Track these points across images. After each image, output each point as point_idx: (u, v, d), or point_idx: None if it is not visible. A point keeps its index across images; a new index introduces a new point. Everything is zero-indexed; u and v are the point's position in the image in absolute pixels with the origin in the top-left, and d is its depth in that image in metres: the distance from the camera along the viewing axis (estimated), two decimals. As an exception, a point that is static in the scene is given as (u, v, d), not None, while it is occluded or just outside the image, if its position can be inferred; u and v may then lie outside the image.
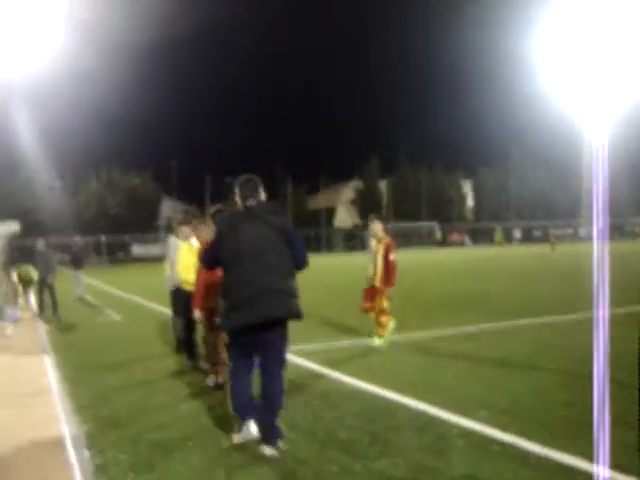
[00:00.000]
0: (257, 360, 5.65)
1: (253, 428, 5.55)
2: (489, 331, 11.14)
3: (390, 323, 9.98)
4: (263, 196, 5.82)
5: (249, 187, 5.77)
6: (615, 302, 12.83)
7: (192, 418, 6.49)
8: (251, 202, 5.68)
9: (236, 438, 5.60)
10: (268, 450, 5.32)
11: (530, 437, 5.34)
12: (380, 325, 9.91)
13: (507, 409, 6.26)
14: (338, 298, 17.93)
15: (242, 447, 5.48)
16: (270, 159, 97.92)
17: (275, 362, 5.52)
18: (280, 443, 5.40)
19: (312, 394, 7.19)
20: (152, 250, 59.67)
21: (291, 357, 8.93)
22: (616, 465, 4.66)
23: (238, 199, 5.79)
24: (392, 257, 9.91)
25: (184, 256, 8.85)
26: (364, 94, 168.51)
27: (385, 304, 9.98)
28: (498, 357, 8.75)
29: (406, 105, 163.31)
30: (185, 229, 9.10)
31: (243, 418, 5.60)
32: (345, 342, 10.26)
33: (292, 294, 5.47)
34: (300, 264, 5.65)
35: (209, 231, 7.51)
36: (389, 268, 9.89)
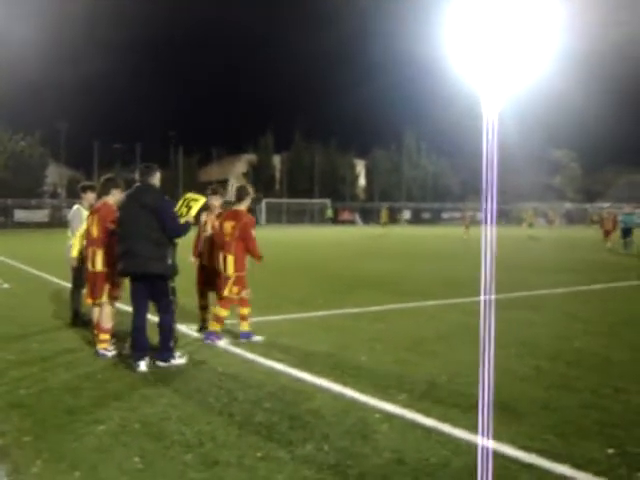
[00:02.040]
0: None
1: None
2: (397, 311, 11.21)
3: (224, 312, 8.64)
4: (154, 179, 7.44)
5: (141, 173, 7.45)
6: (510, 286, 13.30)
7: (98, 398, 6.12)
8: (136, 185, 7.42)
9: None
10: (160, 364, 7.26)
11: (453, 422, 5.33)
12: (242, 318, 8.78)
13: (426, 392, 6.26)
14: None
15: (159, 432, 5.20)
16: (162, 128, 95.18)
17: (158, 306, 7.42)
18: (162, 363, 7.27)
19: (225, 375, 6.95)
20: (36, 216, 57.12)
21: (200, 337, 8.67)
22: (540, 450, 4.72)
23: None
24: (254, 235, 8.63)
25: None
26: (262, 69, 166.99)
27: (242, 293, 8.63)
28: (411, 338, 8.78)
29: (304, 83, 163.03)
30: (90, 196, 8.58)
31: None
32: (252, 320, 10.00)
33: (153, 257, 7.09)
34: (171, 235, 7.24)
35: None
36: (250, 249, 8.56)
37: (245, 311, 8.61)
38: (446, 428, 5.23)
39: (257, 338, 8.53)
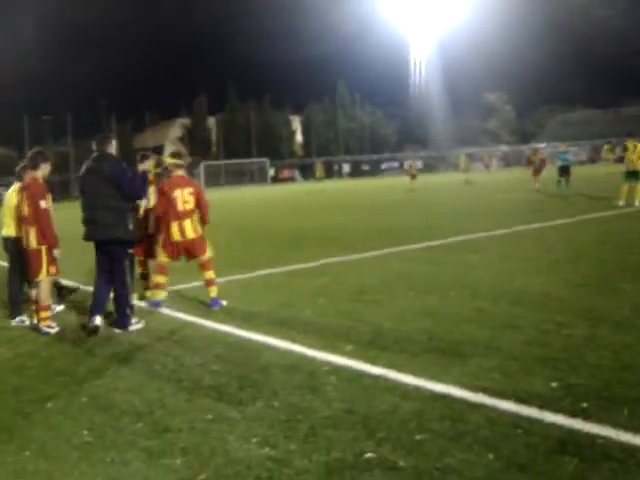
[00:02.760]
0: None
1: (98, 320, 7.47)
2: (339, 264, 11.25)
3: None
4: (111, 148, 7.65)
5: (98, 142, 7.63)
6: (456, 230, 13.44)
7: (43, 375, 6.01)
8: (93, 155, 7.63)
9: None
10: (117, 330, 7.43)
11: (400, 369, 5.41)
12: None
13: (372, 341, 6.32)
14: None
15: (107, 404, 5.15)
16: (93, 95, 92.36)
17: (114, 270, 7.59)
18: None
19: (169, 340, 6.91)
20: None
21: (139, 304, 8.57)
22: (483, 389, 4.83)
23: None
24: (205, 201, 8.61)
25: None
26: (192, 29, 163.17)
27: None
28: (353, 289, 8.85)
29: (234, 41, 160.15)
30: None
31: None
32: (194, 284, 9.93)
33: (113, 224, 7.39)
34: (132, 198, 7.71)
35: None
36: (204, 213, 8.53)
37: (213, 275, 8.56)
38: (393, 374, 5.30)
39: (223, 302, 8.47)
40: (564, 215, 16.96)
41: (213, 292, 8.40)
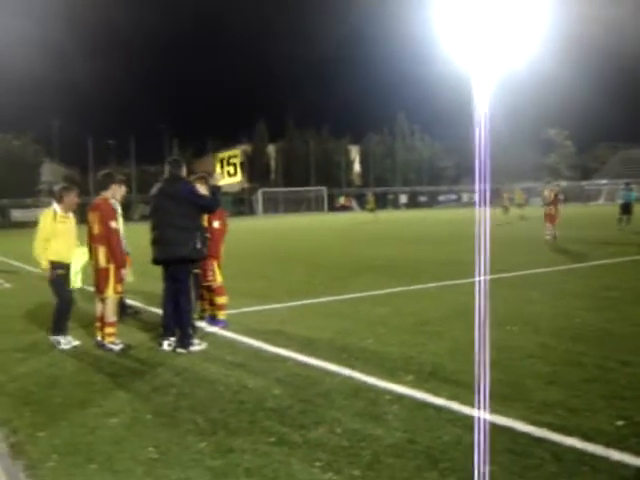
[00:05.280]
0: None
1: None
2: (398, 294, 11.25)
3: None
4: (181, 171, 7.92)
5: (170, 166, 7.93)
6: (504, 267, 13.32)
7: (108, 390, 6.16)
8: (165, 178, 7.93)
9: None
10: (179, 350, 7.54)
11: (463, 401, 5.37)
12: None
13: (433, 372, 6.30)
14: (236, 264, 17.46)
15: (171, 421, 5.25)
16: (156, 121, 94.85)
17: (177, 289, 7.75)
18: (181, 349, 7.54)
19: (232, 363, 6.99)
20: (33, 214, 56.85)
21: (203, 325, 8.71)
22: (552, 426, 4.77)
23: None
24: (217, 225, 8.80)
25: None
26: (254, 57, 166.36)
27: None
28: (414, 321, 8.82)
29: (295, 70, 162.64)
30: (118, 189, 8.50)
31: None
32: (255, 308, 10.05)
33: (174, 243, 7.60)
34: (208, 211, 8.05)
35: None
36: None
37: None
38: (455, 406, 5.27)
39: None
40: (625, 253, 16.62)
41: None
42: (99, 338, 8.01)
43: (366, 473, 4.14)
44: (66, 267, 8.10)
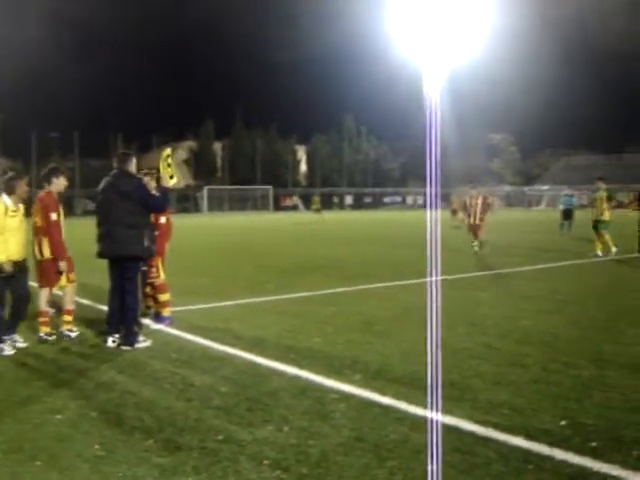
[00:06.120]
0: None
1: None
2: (346, 294, 11.31)
3: None
4: (130, 166, 7.80)
5: (117, 160, 7.89)
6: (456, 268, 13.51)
7: (50, 387, 6.04)
8: (112, 172, 7.81)
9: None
10: (124, 347, 7.44)
11: (410, 400, 5.43)
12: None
13: (379, 371, 6.36)
14: (180, 260, 17.12)
15: (117, 419, 5.17)
16: (100, 115, 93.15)
17: (125, 286, 7.63)
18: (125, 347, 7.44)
19: (178, 361, 6.92)
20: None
21: (148, 322, 8.61)
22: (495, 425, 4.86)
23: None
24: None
25: None
26: (202, 55, 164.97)
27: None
28: (361, 320, 8.88)
29: (243, 68, 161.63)
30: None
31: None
32: (201, 306, 9.97)
33: (128, 241, 7.47)
34: (155, 210, 7.95)
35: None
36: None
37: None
38: (402, 406, 5.33)
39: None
40: (567, 258, 17.05)
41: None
42: (41, 334, 7.84)
43: (314, 471, 4.16)
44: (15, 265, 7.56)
